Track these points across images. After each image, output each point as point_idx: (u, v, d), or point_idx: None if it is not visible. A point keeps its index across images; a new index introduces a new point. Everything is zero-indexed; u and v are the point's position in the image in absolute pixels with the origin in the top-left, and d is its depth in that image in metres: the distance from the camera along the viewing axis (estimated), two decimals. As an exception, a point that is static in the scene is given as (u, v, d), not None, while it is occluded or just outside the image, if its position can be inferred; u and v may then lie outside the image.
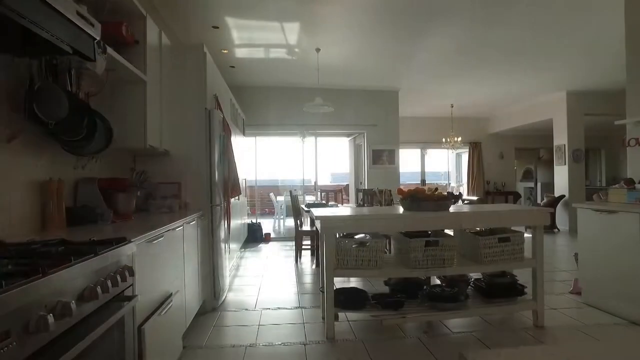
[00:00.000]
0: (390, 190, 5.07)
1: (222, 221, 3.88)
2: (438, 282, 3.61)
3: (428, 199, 3.02)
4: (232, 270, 5.16)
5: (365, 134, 8.01)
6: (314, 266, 5.43)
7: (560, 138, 8.49)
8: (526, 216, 3.08)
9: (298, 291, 4.23)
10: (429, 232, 3.15)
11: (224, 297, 3.92)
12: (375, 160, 7.94)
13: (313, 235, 5.83)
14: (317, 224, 2.94)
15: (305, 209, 5.48)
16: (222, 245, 3.92)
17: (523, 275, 3.30)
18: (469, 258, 3.09)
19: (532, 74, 6.93)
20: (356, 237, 3.15)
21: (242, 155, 6.42)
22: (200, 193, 3.54)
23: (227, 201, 3.95)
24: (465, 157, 13.21)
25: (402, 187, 4.10)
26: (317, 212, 3.14)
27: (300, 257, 5.78)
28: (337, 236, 2.95)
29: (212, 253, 3.57)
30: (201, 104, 3.55)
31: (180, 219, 2.68)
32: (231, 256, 5.31)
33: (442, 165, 15.36)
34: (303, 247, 5.90)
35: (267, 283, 4.58)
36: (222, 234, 3.88)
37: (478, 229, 3.33)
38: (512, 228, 3.20)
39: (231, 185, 3.96)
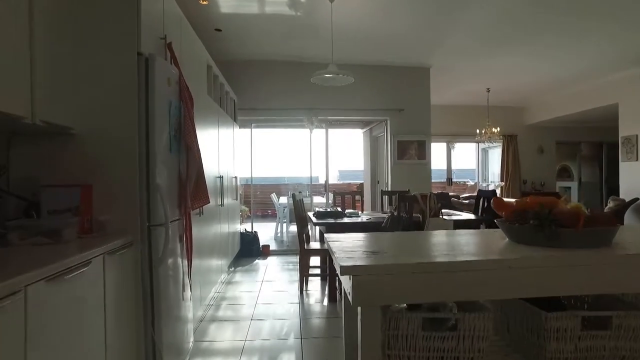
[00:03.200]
0: (436, 196, 3.49)
1: (178, 245, 2.34)
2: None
3: (572, 221, 1.43)
4: (208, 308, 3.62)
5: (389, 122, 6.42)
6: (326, 301, 3.87)
7: (630, 127, 6.80)
8: None
9: (304, 356, 2.67)
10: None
11: (180, 373, 2.38)
12: (401, 154, 6.34)
13: (324, 255, 4.27)
14: (346, 284, 1.35)
15: (314, 219, 3.92)
16: (178, 286, 2.37)
17: None
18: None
19: (596, 45, 5.33)
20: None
21: (229, 146, 4.87)
22: (129, 204, 1.98)
23: (186, 214, 2.40)
24: (493, 153, 11.64)
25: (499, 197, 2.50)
26: (338, 246, 1.56)
27: (306, 285, 4.22)
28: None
29: (150, 310, 2.02)
30: (129, 45, 1.99)
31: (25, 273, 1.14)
32: (212, 281, 3.81)
33: (468, 162, 13.79)
34: (310, 271, 4.34)
35: (256, 335, 3.02)
36: (176, 271, 2.33)
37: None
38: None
39: (192, 189, 2.41)
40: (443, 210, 4.26)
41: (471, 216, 4.40)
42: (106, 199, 1.95)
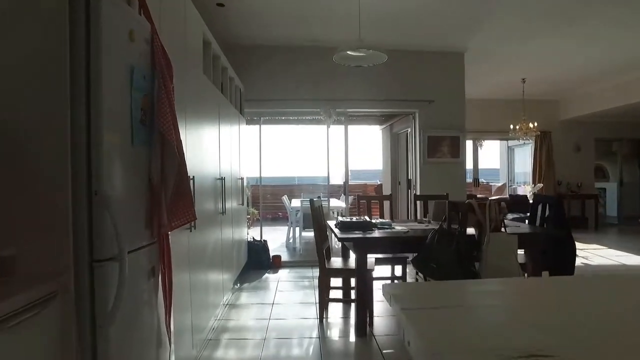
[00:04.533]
0: (499, 204, 2.68)
1: (151, 284, 1.58)
2: None
3: None
4: (205, 344, 2.85)
5: (417, 115, 5.60)
6: (352, 335, 3.07)
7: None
8: None
9: None
10: None
11: None
12: (432, 152, 5.52)
13: (348, 275, 3.48)
14: None
15: (338, 233, 3.12)
16: (149, 346, 1.60)
17: None
18: None
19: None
20: None
21: (234, 141, 4.11)
22: (56, 228, 1.22)
23: (161, 237, 1.63)
24: (519, 152, 10.78)
25: None
26: (438, 342, 0.77)
27: (326, 313, 3.43)
28: None
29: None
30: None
31: None
32: (211, 305, 3.09)
33: (490, 161, 12.93)
34: (332, 292, 3.54)
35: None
36: (147, 325, 1.56)
37: None
38: None
39: (170, 200, 1.64)
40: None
41: (524, 226, 3.57)
42: (15, 221, 1.18)
